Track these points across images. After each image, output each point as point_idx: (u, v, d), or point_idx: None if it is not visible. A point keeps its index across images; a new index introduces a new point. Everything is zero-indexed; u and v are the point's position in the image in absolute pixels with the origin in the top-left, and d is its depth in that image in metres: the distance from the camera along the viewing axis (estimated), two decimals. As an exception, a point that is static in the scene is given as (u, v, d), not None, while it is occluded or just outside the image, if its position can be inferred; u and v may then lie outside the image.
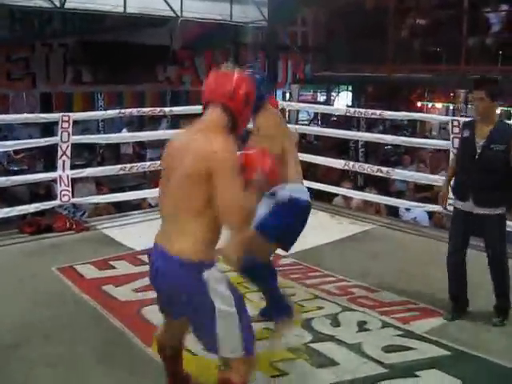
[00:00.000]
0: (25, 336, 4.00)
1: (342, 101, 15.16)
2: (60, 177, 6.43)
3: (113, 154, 12.29)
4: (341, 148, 11.53)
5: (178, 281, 2.68)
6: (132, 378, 3.54)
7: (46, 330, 4.10)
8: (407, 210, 7.89)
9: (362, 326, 4.19)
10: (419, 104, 14.78)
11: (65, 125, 6.32)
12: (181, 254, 2.65)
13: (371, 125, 13.28)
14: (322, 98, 17.69)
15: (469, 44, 9.22)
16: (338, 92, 15.03)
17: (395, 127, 14.08)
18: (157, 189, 2.92)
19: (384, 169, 7.03)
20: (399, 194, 8.79)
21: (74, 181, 7.69)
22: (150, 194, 7.93)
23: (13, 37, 10.69)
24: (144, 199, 8.39)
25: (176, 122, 12.80)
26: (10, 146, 6.68)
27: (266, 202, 3.73)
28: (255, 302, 4.49)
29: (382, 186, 9.01)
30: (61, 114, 6.42)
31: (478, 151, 4.16)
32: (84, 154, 12.05)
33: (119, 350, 3.86)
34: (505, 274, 4.30)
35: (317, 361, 3.68)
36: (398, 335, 4.08)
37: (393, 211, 8.15)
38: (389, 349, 3.85)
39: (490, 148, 4.13)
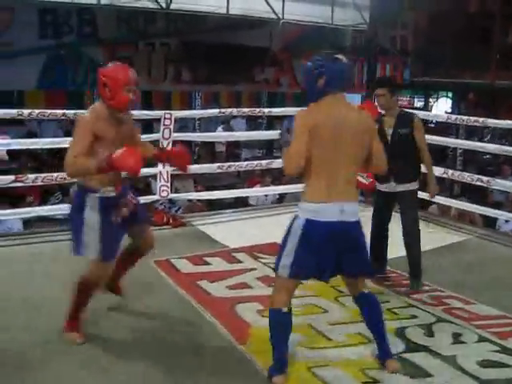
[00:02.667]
0: (122, 324, 4.17)
1: (441, 107, 14.81)
2: (160, 173, 6.62)
3: (208, 152, 12.52)
4: (439, 155, 11.28)
5: None
6: (223, 373, 3.60)
7: (142, 320, 4.26)
8: (506, 221, 7.65)
9: (457, 338, 4.08)
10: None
11: (167, 122, 6.51)
12: None
13: (471, 133, 12.93)
14: (418, 103, 17.36)
15: None
16: (437, 98, 14.68)
17: (494, 136, 13.65)
18: (253, 189, 3.26)
19: (484, 178, 6.83)
20: (497, 205, 8.52)
21: (173, 177, 7.91)
22: (246, 193, 8.06)
23: (117, 36, 11.12)
24: (238, 198, 8.52)
25: (271, 122, 12.96)
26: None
27: None
28: (347, 305, 4.49)
29: (479, 196, 8.78)
30: (163, 111, 6.61)
31: (389, 138, 4.92)
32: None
33: (211, 344, 3.94)
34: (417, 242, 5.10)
35: (409, 371, 3.62)
36: (495, 351, 3.93)
37: (490, 222, 7.91)
38: (485, 364, 3.73)
39: (396, 133, 4.94)
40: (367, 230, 5.19)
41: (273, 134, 8.74)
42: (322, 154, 3.27)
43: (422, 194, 6.83)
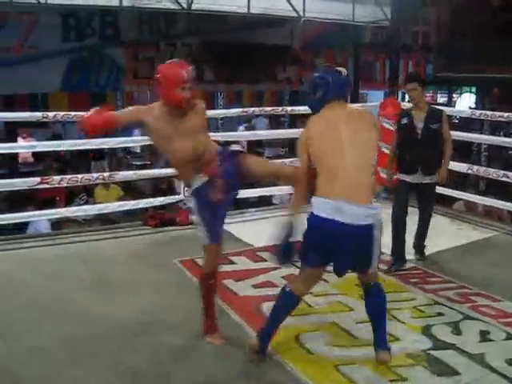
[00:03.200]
0: (147, 324, 4.19)
1: (464, 102, 14.67)
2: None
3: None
4: (463, 151, 11.17)
5: None
6: (251, 372, 3.61)
7: (167, 320, 4.27)
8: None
9: (484, 336, 4.04)
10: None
11: (190, 122, 6.51)
12: None
13: (495, 128, 12.79)
14: (441, 99, 17.22)
15: None
16: (461, 93, 14.54)
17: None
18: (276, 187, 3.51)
19: (511, 174, 6.74)
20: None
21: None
22: (269, 191, 8.04)
23: (139, 37, 11.19)
24: (262, 197, 8.50)
25: (293, 121, 12.92)
26: (136, 141, 6.98)
27: None
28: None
29: (506, 192, 8.67)
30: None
31: (419, 132, 5.28)
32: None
33: (237, 343, 3.93)
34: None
35: (437, 368, 3.60)
36: (524, 348, 3.91)
37: (515, 218, 7.83)
38: (513, 362, 3.71)
39: (428, 127, 5.25)
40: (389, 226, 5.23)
41: (295, 133, 8.71)
42: (327, 162, 3.42)
43: (446, 191, 6.83)
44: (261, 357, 3.70)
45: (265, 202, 8.65)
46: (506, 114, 6.74)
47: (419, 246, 5.65)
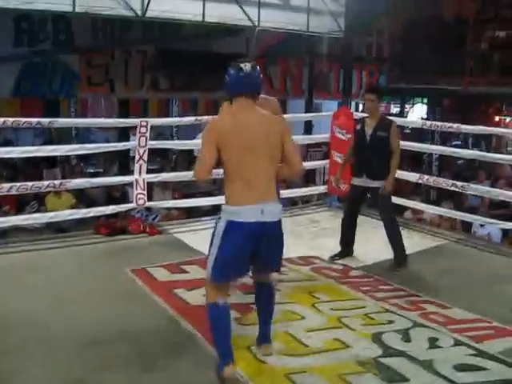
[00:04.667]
0: (100, 333, 4.11)
1: (416, 113, 14.91)
2: (136, 180, 6.59)
3: (185, 159, 12.48)
4: (414, 161, 11.35)
5: None
6: (204, 381, 3.58)
7: (119, 329, 4.20)
8: (481, 225, 7.73)
9: (433, 343, 4.09)
10: (497, 118, 14.38)
11: (143, 130, 6.47)
12: None
13: (446, 139, 13.04)
14: (395, 109, 17.47)
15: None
16: (413, 104, 14.79)
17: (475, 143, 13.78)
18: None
19: (459, 183, 6.88)
20: (472, 210, 8.59)
21: (152, 186, 7.89)
22: (221, 200, 8.00)
23: (94, 44, 11.08)
24: (216, 205, 8.48)
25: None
26: (89, 148, 6.87)
27: None
28: (324, 312, 4.52)
29: (456, 201, 8.85)
30: (139, 119, 6.58)
31: (368, 138, 5.63)
32: (157, 160, 12.31)
33: (189, 353, 3.91)
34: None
35: (386, 376, 3.63)
36: (471, 354, 3.96)
37: (465, 227, 7.98)
38: (461, 368, 3.74)
39: (375, 135, 5.59)
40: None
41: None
42: (237, 159, 3.43)
43: (396, 200, 6.93)
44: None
45: (219, 210, 8.60)
46: (455, 125, 6.87)
47: (396, 259, 5.75)
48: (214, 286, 3.61)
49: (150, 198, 7.00)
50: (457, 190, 6.97)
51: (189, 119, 7.42)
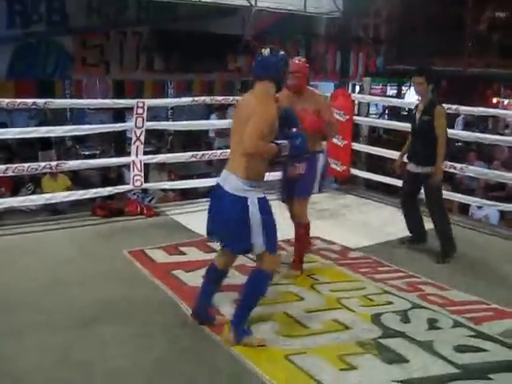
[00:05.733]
0: (98, 315, 4.10)
1: (414, 95, 14.81)
2: (133, 162, 6.54)
3: (181, 141, 12.42)
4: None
5: None
6: (202, 362, 3.57)
7: (118, 311, 4.19)
8: (479, 207, 7.71)
9: (432, 324, 4.10)
10: (494, 100, 14.32)
11: (139, 111, 6.42)
12: None
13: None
14: (391, 91, 17.38)
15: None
16: (410, 86, 14.70)
17: (466, 124, 13.69)
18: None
19: (458, 165, 6.85)
20: (469, 192, 8.55)
21: (148, 167, 7.84)
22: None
23: (89, 25, 10.94)
24: (212, 187, 8.43)
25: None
26: (84, 130, 6.80)
27: None
28: (323, 293, 4.50)
29: (453, 183, 8.82)
30: (136, 100, 6.52)
31: (416, 123, 5.52)
32: (153, 141, 12.25)
33: (190, 334, 3.91)
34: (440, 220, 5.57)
35: (386, 356, 3.63)
36: (470, 335, 3.97)
37: (462, 209, 7.96)
38: (461, 349, 3.75)
39: (421, 119, 5.43)
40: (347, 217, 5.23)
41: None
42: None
43: (396, 182, 6.89)
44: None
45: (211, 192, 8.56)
46: (453, 106, 6.82)
47: (441, 252, 5.56)
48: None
49: (146, 180, 6.96)
50: (456, 171, 6.94)
51: (186, 100, 7.34)
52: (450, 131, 5.72)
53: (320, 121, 4.79)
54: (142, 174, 6.60)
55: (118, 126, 7.07)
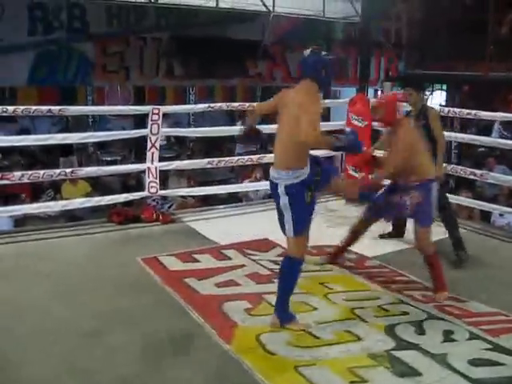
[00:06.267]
0: (108, 323, 4.08)
1: (436, 100, 14.66)
2: (148, 168, 6.52)
3: (202, 147, 12.41)
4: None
5: None
6: (210, 372, 3.52)
7: (128, 319, 4.16)
8: (501, 215, 7.56)
9: (447, 336, 3.99)
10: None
11: (155, 117, 6.40)
12: None
13: (465, 126, 12.79)
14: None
15: None
16: (432, 91, 14.55)
17: (487, 129, 13.48)
18: (241, 184, 3.72)
19: (478, 172, 6.72)
20: (491, 199, 8.40)
21: (168, 173, 7.82)
22: (235, 188, 7.94)
23: (109, 31, 11.02)
24: (235, 193, 8.43)
25: (265, 116, 12.81)
26: (100, 136, 6.82)
27: None
28: (336, 303, 4.43)
29: (474, 190, 8.67)
30: (151, 106, 6.50)
31: None
32: (175, 148, 12.27)
33: (198, 343, 3.86)
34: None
35: (398, 369, 3.54)
36: (487, 348, 3.85)
37: (485, 216, 7.82)
38: (476, 362, 3.64)
39: (417, 125, 5.31)
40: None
41: (266, 128, 8.62)
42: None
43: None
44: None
45: (235, 198, 8.56)
46: (473, 112, 6.70)
47: (454, 251, 5.62)
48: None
49: (165, 186, 6.94)
50: (476, 178, 6.82)
51: (201, 106, 7.32)
52: (470, 136, 5.63)
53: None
54: (158, 181, 6.57)
55: (132, 133, 7.03)
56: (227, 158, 7.45)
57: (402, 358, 3.67)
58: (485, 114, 6.94)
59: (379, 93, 14.32)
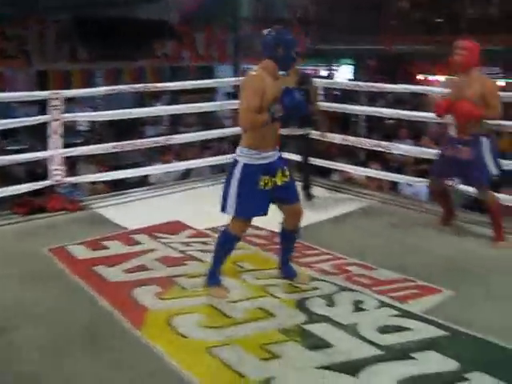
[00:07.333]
0: (13, 319, 3.91)
1: (343, 74, 14.86)
2: (51, 156, 6.29)
3: (112, 131, 12.13)
4: (343, 123, 11.30)
5: None
6: (121, 361, 3.44)
7: (35, 313, 4.01)
8: (408, 184, 7.74)
9: (357, 306, 4.06)
10: (422, 77, 14.42)
11: (55, 102, 6.17)
12: None
13: (373, 99, 13.05)
14: (323, 72, 17.40)
15: (470, 14, 8.87)
16: (339, 66, 14.73)
17: (398, 101, 13.80)
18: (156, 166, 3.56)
19: (383, 143, 6.86)
20: (399, 169, 8.60)
21: (76, 160, 7.58)
22: (147, 171, 7.82)
23: (6, 14, 10.52)
24: (145, 176, 8.29)
25: (176, 97, 12.64)
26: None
27: None
28: (248, 281, 4.42)
29: (384, 160, 8.86)
30: (50, 91, 6.26)
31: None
32: (82, 133, 11.95)
33: (108, 332, 3.76)
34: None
35: (310, 342, 3.56)
36: (395, 315, 3.95)
37: (392, 186, 8.01)
38: (385, 329, 3.72)
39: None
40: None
41: (181, 109, 8.52)
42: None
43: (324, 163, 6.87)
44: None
45: (146, 182, 8.41)
46: (378, 85, 6.82)
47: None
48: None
49: (73, 173, 6.72)
50: (381, 149, 6.95)
51: (103, 89, 7.11)
52: (374, 109, 5.71)
53: (473, 109, 4.97)
54: (62, 168, 6.36)
55: (31, 120, 6.73)
56: (133, 141, 7.26)
57: (313, 331, 3.70)
58: (388, 87, 7.09)
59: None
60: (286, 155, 5.44)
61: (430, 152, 6.47)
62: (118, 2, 10.70)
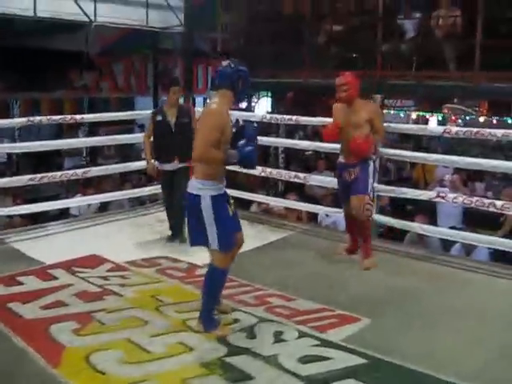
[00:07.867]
0: None
1: (263, 107, 15.07)
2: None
3: (30, 163, 11.82)
4: (262, 155, 11.39)
5: None
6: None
7: None
8: (327, 215, 7.90)
9: (278, 337, 4.08)
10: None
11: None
12: None
13: (292, 131, 13.28)
14: (243, 104, 17.58)
15: (384, 50, 9.23)
16: (259, 98, 14.95)
17: (316, 134, 14.08)
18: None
19: (301, 175, 6.99)
20: (317, 200, 8.76)
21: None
22: (65, 204, 7.67)
23: None
24: (67, 209, 8.12)
25: (95, 129, 12.47)
26: None
27: None
28: (168, 315, 4.38)
29: (303, 191, 9.02)
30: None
31: (172, 125, 6.24)
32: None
33: (24, 372, 3.63)
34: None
35: (231, 376, 3.56)
36: (315, 345, 3.99)
37: (313, 217, 8.14)
38: (305, 359, 3.76)
39: (180, 121, 6.21)
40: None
41: (99, 141, 8.43)
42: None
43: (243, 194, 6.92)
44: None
45: (65, 215, 8.24)
46: (294, 117, 6.97)
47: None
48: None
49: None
50: (300, 181, 7.08)
51: (19, 120, 6.98)
52: (291, 141, 5.77)
53: (366, 143, 5.41)
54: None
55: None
56: (50, 174, 7.10)
57: (234, 364, 3.70)
58: (305, 120, 7.25)
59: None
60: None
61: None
62: (36, 33, 10.48)
